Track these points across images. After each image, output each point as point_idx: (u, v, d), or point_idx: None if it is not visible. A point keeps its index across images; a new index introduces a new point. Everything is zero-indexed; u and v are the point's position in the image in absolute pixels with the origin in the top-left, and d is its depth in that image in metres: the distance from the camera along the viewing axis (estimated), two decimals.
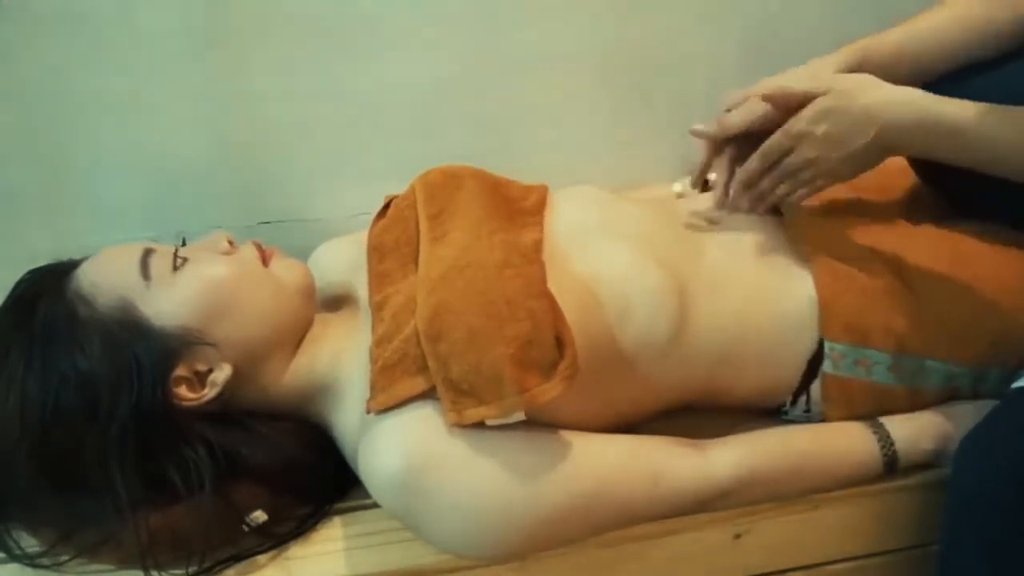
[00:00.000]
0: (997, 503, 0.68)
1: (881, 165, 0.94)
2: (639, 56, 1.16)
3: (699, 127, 0.93)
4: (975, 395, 0.85)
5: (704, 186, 0.99)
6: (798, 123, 0.83)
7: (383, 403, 0.75)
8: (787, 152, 0.84)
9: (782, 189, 0.87)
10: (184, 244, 0.84)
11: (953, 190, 0.90)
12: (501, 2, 1.10)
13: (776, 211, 0.92)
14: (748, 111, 0.89)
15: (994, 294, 0.84)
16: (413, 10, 1.08)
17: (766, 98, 0.86)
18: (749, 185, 0.89)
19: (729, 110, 0.92)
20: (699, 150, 0.94)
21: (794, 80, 0.88)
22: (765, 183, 0.88)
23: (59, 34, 1.01)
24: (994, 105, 0.78)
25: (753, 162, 0.87)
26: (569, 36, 1.13)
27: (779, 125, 0.85)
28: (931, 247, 0.86)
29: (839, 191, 0.94)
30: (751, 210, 0.90)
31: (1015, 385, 0.76)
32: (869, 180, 0.95)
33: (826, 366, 0.84)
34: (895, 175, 0.95)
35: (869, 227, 0.89)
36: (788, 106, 0.83)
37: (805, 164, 0.84)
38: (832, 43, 0.95)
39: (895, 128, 0.80)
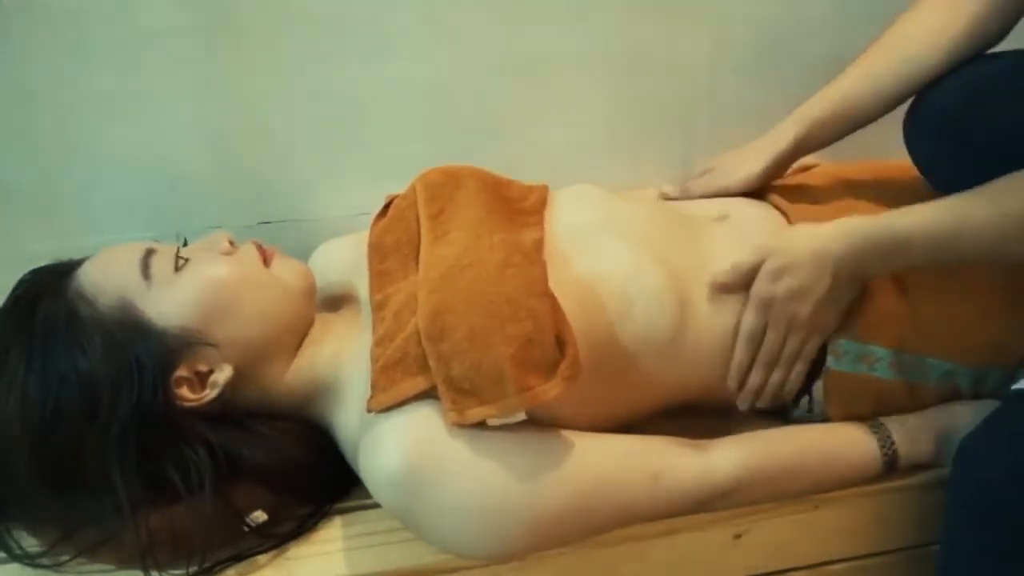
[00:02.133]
0: (998, 504, 0.68)
1: (882, 163, 0.94)
2: (639, 57, 1.16)
3: (666, 189, 1.01)
4: (975, 395, 0.86)
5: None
6: (759, 290, 0.81)
7: (384, 403, 0.75)
8: (762, 327, 0.82)
9: (777, 377, 0.84)
10: (185, 244, 0.84)
11: (958, 185, 0.89)
12: (501, 3, 1.10)
13: (777, 211, 0.92)
14: (708, 183, 0.97)
15: (994, 294, 0.84)
16: (413, 10, 1.08)
17: (721, 287, 0.84)
18: (744, 378, 0.84)
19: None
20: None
21: (723, 177, 0.96)
22: (756, 377, 0.84)
23: (59, 34, 1.01)
24: (946, 201, 0.78)
25: (738, 355, 0.83)
26: (569, 36, 1.13)
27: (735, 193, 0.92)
28: None
29: (839, 191, 0.94)
30: (751, 407, 0.86)
31: (1015, 387, 0.76)
32: (869, 179, 0.96)
33: (829, 362, 0.84)
34: (896, 174, 0.95)
35: None
36: (744, 281, 0.82)
37: (785, 333, 0.82)
38: (832, 43, 0.95)
39: (850, 259, 0.79)
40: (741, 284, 0.83)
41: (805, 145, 0.95)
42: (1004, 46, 0.90)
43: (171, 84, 1.06)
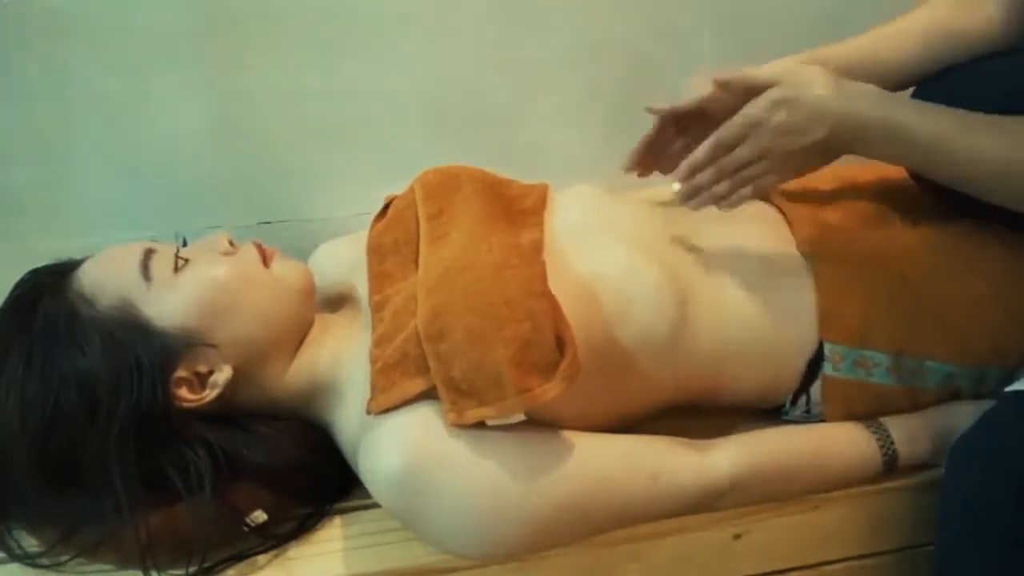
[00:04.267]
0: (990, 503, 0.68)
1: (880, 166, 0.94)
2: (639, 57, 1.16)
3: (655, 104, 0.92)
4: (976, 395, 0.85)
5: (636, 167, 0.94)
6: (753, 109, 0.80)
7: (383, 404, 0.75)
8: (740, 140, 0.81)
9: (722, 187, 0.82)
10: (185, 244, 0.84)
11: (951, 190, 0.90)
12: (501, 3, 1.10)
13: (776, 211, 0.92)
14: (701, 92, 0.89)
15: (993, 294, 0.84)
16: (413, 10, 1.08)
17: (721, 84, 0.83)
18: (693, 172, 0.83)
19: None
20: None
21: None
22: (705, 175, 0.82)
23: (59, 34, 1.01)
24: (955, 111, 0.78)
25: (701, 150, 0.82)
26: (569, 37, 1.13)
27: (734, 112, 0.83)
28: (930, 247, 0.86)
29: (839, 191, 0.94)
30: (684, 202, 0.84)
31: (1009, 388, 0.76)
32: (870, 179, 0.96)
33: (825, 368, 0.84)
34: (894, 174, 0.95)
35: (869, 228, 0.89)
36: (745, 92, 0.81)
37: (755, 156, 0.81)
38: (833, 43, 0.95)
39: (849, 123, 0.78)
40: (739, 91, 0.81)
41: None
42: None
43: (171, 84, 1.06)
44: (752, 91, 0.80)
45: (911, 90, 0.93)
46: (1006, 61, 0.88)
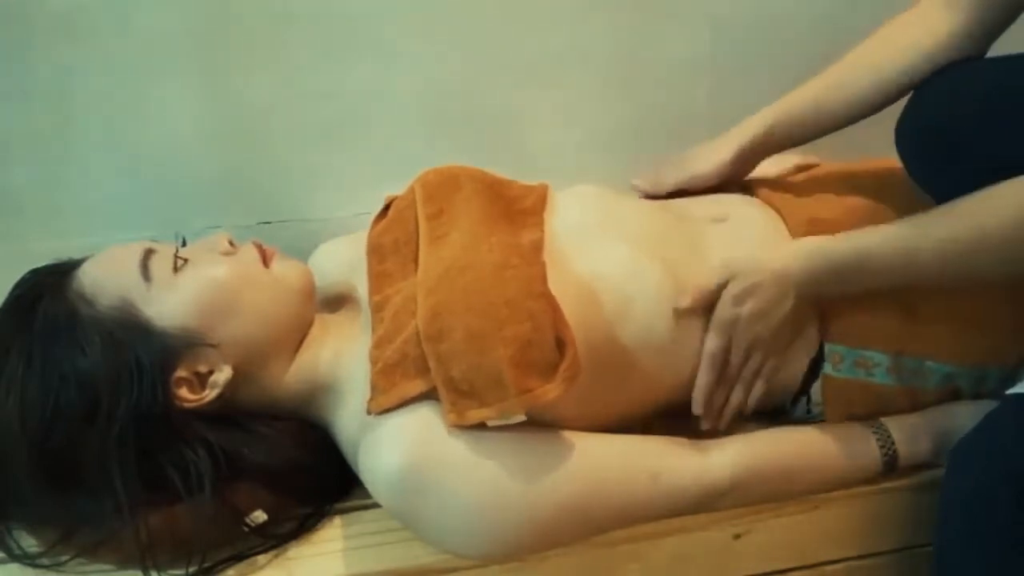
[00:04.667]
0: (990, 505, 0.68)
1: (882, 163, 0.94)
2: (639, 57, 1.16)
3: (636, 182, 0.99)
4: (976, 396, 0.86)
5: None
6: (723, 312, 0.81)
7: (383, 404, 0.75)
8: (726, 348, 0.82)
9: (737, 396, 0.84)
10: (184, 244, 0.84)
11: (949, 192, 0.90)
12: (501, 3, 1.10)
13: (775, 212, 0.92)
14: (680, 171, 0.96)
15: (994, 294, 0.84)
16: (414, 10, 1.08)
17: (688, 312, 0.83)
18: (709, 397, 0.83)
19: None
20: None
21: (695, 163, 0.95)
22: (719, 397, 0.84)
23: (59, 34, 1.01)
24: (909, 219, 0.79)
25: (702, 376, 0.83)
26: (570, 37, 1.13)
27: (706, 185, 0.94)
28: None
29: (838, 192, 0.94)
30: (714, 428, 0.85)
31: (1011, 391, 0.76)
32: (869, 179, 0.96)
33: (826, 368, 0.84)
34: (896, 173, 0.95)
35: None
36: (709, 304, 0.82)
37: (747, 353, 0.82)
38: (830, 45, 0.95)
39: (809, 279, 0.80)
40: (704, 306, 0.82)
41: (775, 139, 0.95)
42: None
43: (171, 84, 1.06)
44: (715, 295, 0.82)
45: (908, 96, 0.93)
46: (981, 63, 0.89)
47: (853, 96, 0.91)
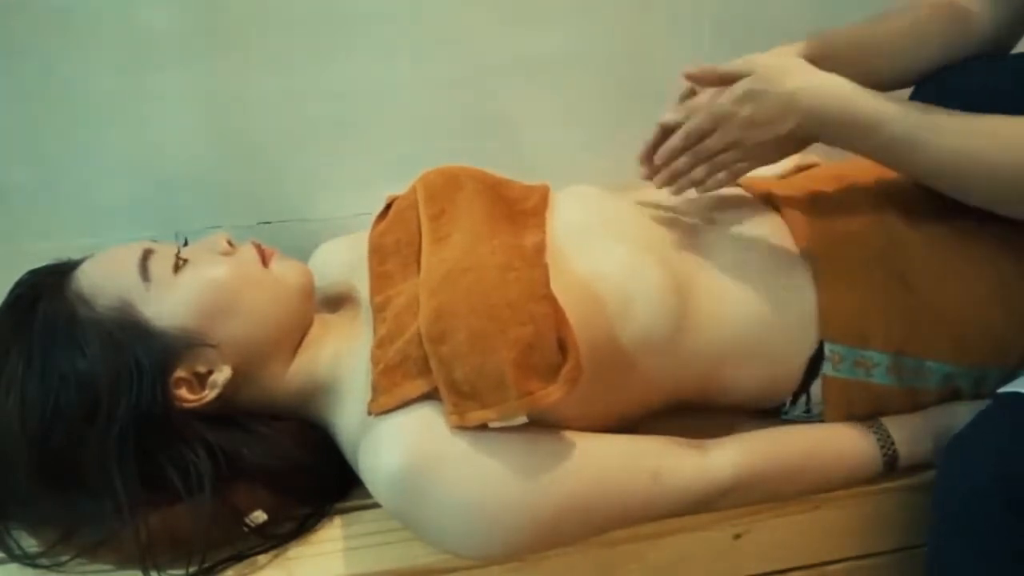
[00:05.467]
0: (981, 505, 0.68)
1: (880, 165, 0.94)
2: (640, 56, 1.16)
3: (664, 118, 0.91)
4: (976, 396, 0.85)
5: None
6: (722, 103, 0.81)
7: (385, 405, 0.75)
8: (709, 132, 0.82)
9: (699, 172, 0.84)
10: (186, 244, 0.84)
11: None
12: (501, 3, 1.10)
13: (776, 211, 0.92)
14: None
15: (994, 293, 0.84)
16: (414, 10, 1.08)
17: (690, 77, 0.85)
18: (669, 160, 0.85)
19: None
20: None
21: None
22: (681, 161, 0.84)
23: (58, 33, 1.01)
24: (932, 109, 0.78)
25: (675, 139, 0.84)
26: (569, 37, 1.13)
27: None
28: (931, 246, 0.86)
29: (838, 191, 0.94)
30: (663, 186, 0.87)
31: (1002, 390, 0.76)
32: (868, 179, 0.96)
33: (825, 368, 0.84)
34: (894, 174, 0.95)
35: (869, 227, 0.89)
36: (720, 83, 0.82)
37: (725, 146, 0.82)
38: None
39: (816, 117, 0.80)
40: (708, 82, 0.83)
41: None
42: None
43: (171, 84, 1.06)
44: (726, 81, 0.81)
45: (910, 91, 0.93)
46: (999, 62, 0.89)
47: (903, 53, 0.91)
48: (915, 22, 0.92)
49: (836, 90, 0.80)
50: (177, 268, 0.79)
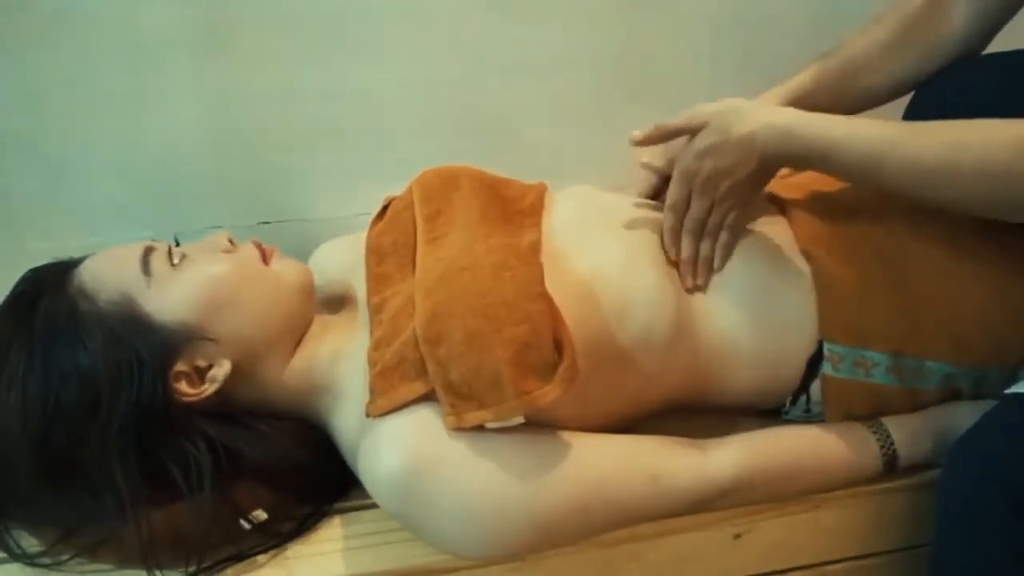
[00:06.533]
0: (986, 505, 0.68)
1: None
2: (639, 56, 1.16)
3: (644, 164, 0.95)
4: (976, 396, 0.85)
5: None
6: (683, 164, 0.83)
7: (382, 407, 0.75)
8: (686, 198, 0.84)
9: (705, 249, 0.85)
10: (177, 244, 0.84)
11: None
12: (501, 3, 1.10)
13: (776, 210, 0.92)
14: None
15: (994, 294, 0.84)
16: (413, 10, 1.08)
17: (640, 142, 0.85)
18: (677, 242, 0.86)
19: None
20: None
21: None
22: (686, 247, 0.85)
23: (59, 34, 1.01)
24: (895, 124, 0.79)
25: (665, 221, 0.86)
26: (569, 37, 1.13)
27: None
28: (931, 247, 0.86)
29: (839, 192, 0.94)
30: (697, 284, 0.86)
31: (1009, 391, 0.76)
32: None
33: (825, 368, 0.84)
34: None
35: (869, 227, 0.89)
36: (663, 142, 0.84)
37: (708, 208, 0.84)
38: (830, 45, 0.95)
39: (775, 152, 0.81)
40: (658, 141, 0.85)
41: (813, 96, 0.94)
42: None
43: (171, 84, 1.06)
44: (674, 135, 0.83)
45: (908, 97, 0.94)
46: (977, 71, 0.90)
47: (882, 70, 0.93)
48: (890, 31, 0.93)
49: (786, 123, 0.80)
50: (175, 263, 0.79)
